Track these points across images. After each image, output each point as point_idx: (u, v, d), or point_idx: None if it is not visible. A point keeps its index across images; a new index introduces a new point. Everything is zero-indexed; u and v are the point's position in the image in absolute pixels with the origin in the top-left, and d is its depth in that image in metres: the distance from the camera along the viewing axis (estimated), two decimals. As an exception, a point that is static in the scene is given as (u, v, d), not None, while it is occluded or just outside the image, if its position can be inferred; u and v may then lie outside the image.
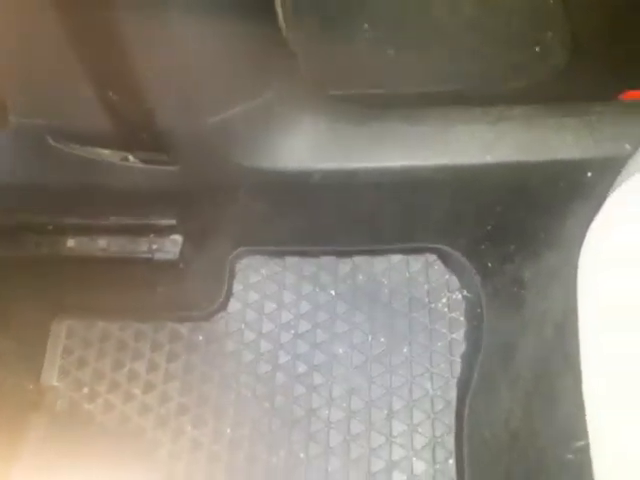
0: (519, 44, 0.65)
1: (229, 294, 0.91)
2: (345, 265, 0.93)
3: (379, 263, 0.92)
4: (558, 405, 0.54)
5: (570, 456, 0.50)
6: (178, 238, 0.89)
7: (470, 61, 0.65)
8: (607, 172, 0.54)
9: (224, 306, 0.90)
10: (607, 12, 0.60)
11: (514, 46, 0.65)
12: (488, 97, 0.69)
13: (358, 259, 0.93)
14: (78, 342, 0.92)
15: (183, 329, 0.91)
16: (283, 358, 0.87)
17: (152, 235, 0.90)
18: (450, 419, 0.80)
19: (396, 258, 0.92)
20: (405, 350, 0.86)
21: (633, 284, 0.46)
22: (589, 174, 0.68)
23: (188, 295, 0.91)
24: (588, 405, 0.46)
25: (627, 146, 0.66)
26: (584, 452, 0.45)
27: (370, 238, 0.91)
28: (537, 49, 0.63)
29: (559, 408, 0.54)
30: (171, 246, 0.89)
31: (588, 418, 0.46)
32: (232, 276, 0.91)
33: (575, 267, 0.51)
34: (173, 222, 0.88)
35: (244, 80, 0.70)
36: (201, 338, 0.90)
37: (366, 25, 0.64)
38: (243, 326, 0.90)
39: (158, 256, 0.89)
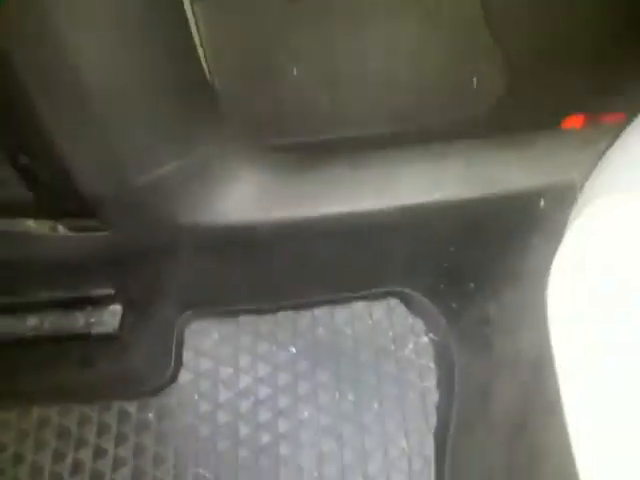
0: (455, 77, 0.63)
1: (179, 364, 0.83)
2: (304, 319, 0.87)
3: (340, 313, 0.87)
4: (543, 460, 0.49)
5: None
6: (117, 308, 0.83)
7: (406, 99, 0.63)
8: (559, 201, 0.52)
9: (174, 377, 0.83)
10: (540, 33, 0.59)
11: (450, 80, 0.63)
12: (428, 134, 0.67)
13: (317, 311, 0.87)
14: (12, 435, 0.82)
15: (131, 407, 0.83)
16: (244, 430, 0.80)
17: (89, 307, 0.83)
18: (430, 478, 0.73)
19: (358, 306, 0.87)
20: (375, 406, 0.80)
21: (608, 317, 0.43)
22: (542, 204, 0.66)
23: (133, 369, 0.84)
24: (579, 460, 0.41)
25: (575, 174, 0.64)
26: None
27: (328, 288, 0.86)
28: (474, 80, 0.62)
29: (545, 463, 0.49)
30: (110, 318, 0.82)
31: (580, 474, 0.41)
32: (180, 343, 0.84)
33: (541, 302, 0.47)
34: (111, 291, 0.81)
35: (174, 136, 0.66)
36: (151, 415, 0.82)
37: (295, 70, 0.61)
38: (197, 397, 0.82)
39: (96, 330, 0.82)
